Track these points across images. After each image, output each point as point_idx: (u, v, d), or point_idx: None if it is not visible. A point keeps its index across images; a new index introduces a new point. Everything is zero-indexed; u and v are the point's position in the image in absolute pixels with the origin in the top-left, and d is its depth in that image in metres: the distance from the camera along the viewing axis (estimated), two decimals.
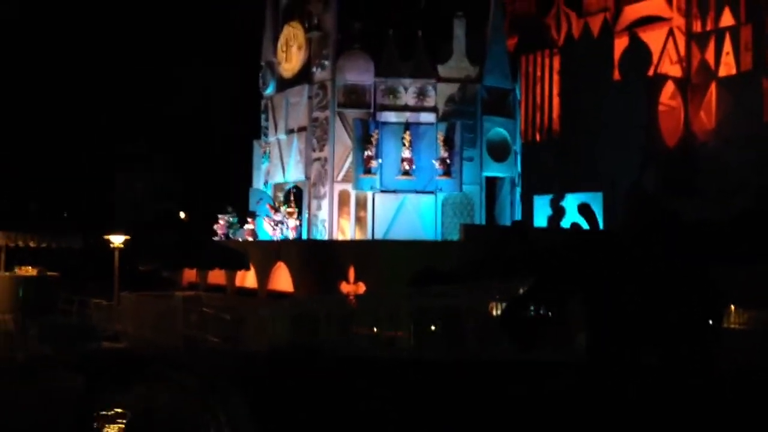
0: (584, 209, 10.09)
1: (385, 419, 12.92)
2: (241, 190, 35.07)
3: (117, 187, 47.23)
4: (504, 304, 17.74)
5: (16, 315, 29.10)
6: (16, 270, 30.68)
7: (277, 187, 32.37)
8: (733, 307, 13.44)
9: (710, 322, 8.79)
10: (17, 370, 25.02)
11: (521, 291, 13.88)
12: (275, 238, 29.84)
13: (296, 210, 29.36)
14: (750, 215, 12.81)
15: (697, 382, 8.31)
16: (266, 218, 30.44)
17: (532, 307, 9.50)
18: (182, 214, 46.69)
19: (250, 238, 31.42)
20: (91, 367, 23.44)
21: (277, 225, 29.85)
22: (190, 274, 33.29)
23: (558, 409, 10.56)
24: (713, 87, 35.81)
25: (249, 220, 31.88)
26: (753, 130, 33.56)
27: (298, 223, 29.59)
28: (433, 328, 18.89)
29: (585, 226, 9.84)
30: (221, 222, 32.61)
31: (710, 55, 36.05)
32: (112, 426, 17.56)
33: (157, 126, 49.85)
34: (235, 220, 32.45)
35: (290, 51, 31.59)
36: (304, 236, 29.75)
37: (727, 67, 35.49)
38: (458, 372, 14.98)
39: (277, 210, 30.50)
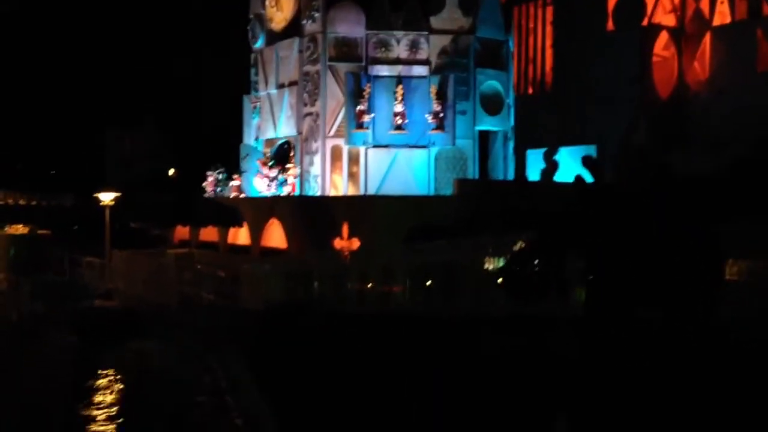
0: (588, 161, 9.96)
1: (379, 373, 12.96)
2: (231, 146, 34.70)
3: (107, 146, 46.65)
4: (499, 259, 17.75)
5: (8, 273, 28.98)
6: (7, 228, 30.42)
7: (269, 142, 32.03)
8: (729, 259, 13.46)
9: (713, 275, 8.76)
10: (11, 328, 25.04)
11: (519, 245, 13.83)
12: (269, 194, 29.65)
13: (296, 166, 29.00)
14: (743, 166, 12.73)
15: (700, 335, 8.31)
16: (258, 174, 30.18)
17: (532, 262, 9.43)
18: (171, 171, 46.29)
19: (235, 194, 31.21)
20: (85, 325, 23.47)
21: (272, 180, 29.60)
22: (181, 232, 33.12)
23: (556, 364, 10.58)
24: (707, 37, 35.40)
25: (235, 176, 31.62)
26: (747, 80, 33.32)
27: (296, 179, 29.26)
28: (428, 283, 18.89)
29: (588, 178, 9.73)
30: (210, 179, 32.33)
31: (705, 4, 35.57)
32: (109, 383, 17.59)
33: (147, 84, 49.11)
34: (224, 176, 32.16)
35: (279, 3, 30.93)
36: (297, 192, 29.55)
37: (722, 16, 35.05)
38: (454, 327, 15.00)
39: (267, 165, 30.24)
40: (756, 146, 16.18)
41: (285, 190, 28.95)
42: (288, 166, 28.77)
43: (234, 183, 31.54)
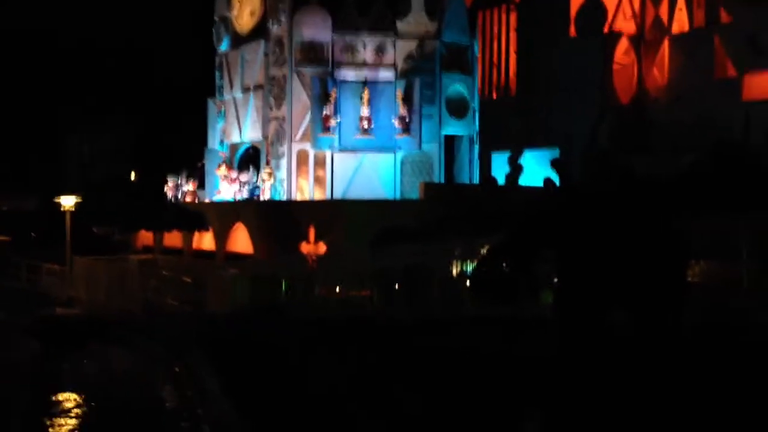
0: (557, 164, 10.09)
1: (348, 379, 12.93)
2: (195, 150, 34.35)
3: (67, 149, 45.81)
4: (466, 262, 17.87)
5: None
6: None
7: (234, 146, 31.81)
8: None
9: (679, 276, 8.92)
10: None
11: (485, 249, 13.94)
12: (236, 198, 29.42)
13: (273, 171, 28.71)
14: (701, 169, 13.04)
15: (668, 338, 8.45)
16: (225, 178, 29.94)
17: (501, 264, 9.50)
18: (133, 175, 45.67)
19: (190, 199, 30.92)
20: (46, 332, 23.00)
21: (243, 185, 29.40)
22: (144, 237, 32.66)
23: (525, 364, 10.67)
24: (666, 43, 36.15)
25: (190, 181, 31.33)
26: (704, 87, 34.07)
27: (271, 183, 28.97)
28: (396, 287, 18.93)
29: (557, 181, 9.85)
30: (170, 184, 31.95)
31: (664, 12, 36.33)
32: (71, 391, 17.26)
33: (109, 85, 48.38)
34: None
35: (245, 5, 30.76)
36: (271, 196, 29.38)
37: (680, 23, 35.82)
38: (421, 330, 15.06)
39: (232, 169, 30.03)
40: (714, 150, 16.54)
41: (265, 194, 28.57)
42: (267, 171, 28.53)
43: (188, 188, 31.23)
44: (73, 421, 14.57)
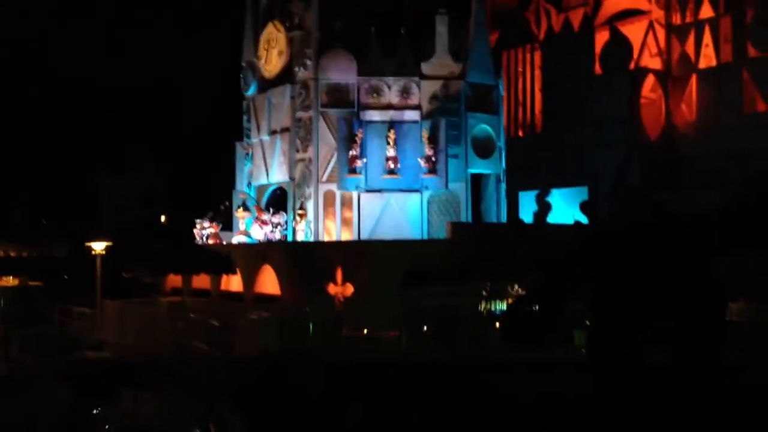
0: (586, 206, 9.94)
1: (381, 425, 12.71)
2: (223, 193, 34.63)
3: (99, 193, 46.53)
4: (495, 303, 17.60)
5: None
6: None
7: (261, 189, 32.03)
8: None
9: (716, 315, 8.67)
10: (1, 381, 24.55)
11: (517, 289, 13.73)
12: (269, 240, 29.48)
13: (305, 212, 28.79)
14: (734, 205, 12.76)
15: (708, 379, 8.18)
16: (255, 220, 30.09)
17: (534, 306, 9.32)
18: (163, 218, 46.14)
19: (213, 242, 31.06)
20: (76, 377, 23.04)
21: (276, 227, 29.54)
22: (173, 280, 32.82)
23: (559, 407, 10.41)
24: (694, 79, 35.96)
25: (212, 224, 31.50)
26: (733, 121, 33.74)
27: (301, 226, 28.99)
28: (425, 328, 18.71)
29: (586, 222, 9.70)
30: (198, 227, 32.17)
31: (690, 48, 36.20)
32: None
33: (138, 130, 49.25)
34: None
35: (271, 51, 31.21)
36: (290, 238, 29.44)
37: (707, 59, 35.65)
38: (452, 373, 14.80)
39: (263, 210, 30.19)
40: (747, 185, 16.20)
41: (298, 235, 28.58)
42: (299, 211, 28.60)
43: (210, 230, 31.38)
44: None
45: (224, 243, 30.86)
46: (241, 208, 30.74)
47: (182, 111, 48.96)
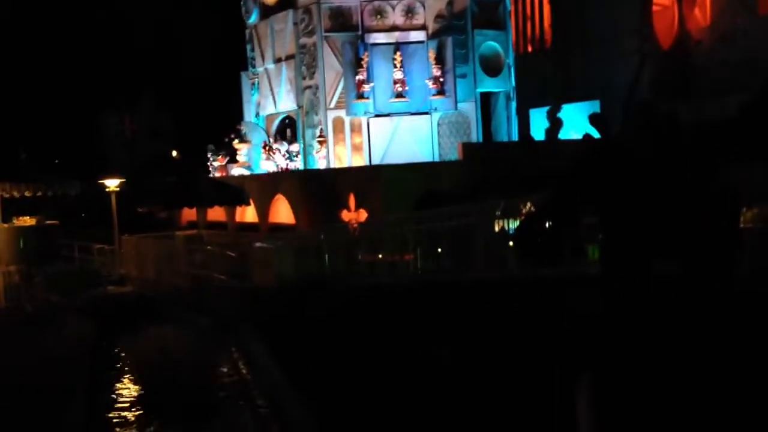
0: (595, 119, 9.76)
1: (399, 347, 12.92)
2: (232, 124, 34.47)
3: (107, 129, 46.44)
4: (509, 221, 17.61)
5: (19, 266, 29.00)
6: (15, 221, 30.38)
7: (270, 118, 31.83)
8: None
9: (731, 223, 8.60)
10: (27, 319, 25.14)
11: (528, 207, 13.68)
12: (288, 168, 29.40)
13: (325, 139, 28.56)
14: (750, 111, 12.48)
15: (722, 287, 8.18)
16: (268, 150, 29.91)
17: (545, 223, 9.26)
18: (174, 153, 46.13)
19: (220, 174, 31.10)
20: (100, 312, 23.53)
21: (296, 156, 29.41)
22: (188, 213, 33.08)
23: (575, 322, 10.49)
24: None
25: (218, 157, 31.46)
26: (749, 25, 32.80)
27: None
28: (439, 250, 18.79)
29: (596, 136, 9.55)
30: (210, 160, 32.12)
31: None
32: (126, 370, 17.67)
33: (141, 65, 48.70)
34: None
35: None
36: (305, 166, 29.41)
37: None
38: (467, 292, 14.94)
39: (277, 140, 30.07)
40: (762, 92, 15.82)
41: (321, 163, 28.44)
42: (319, 138, 28.40)
43: (217, 163, 31.38)
44: (130, 400, 14.93)
45: (231, 175, 30.90)
46: (237, 140, 30.65)
47: (184, 44, 48.27)
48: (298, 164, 29.28)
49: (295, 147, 29.60)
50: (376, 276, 18.78)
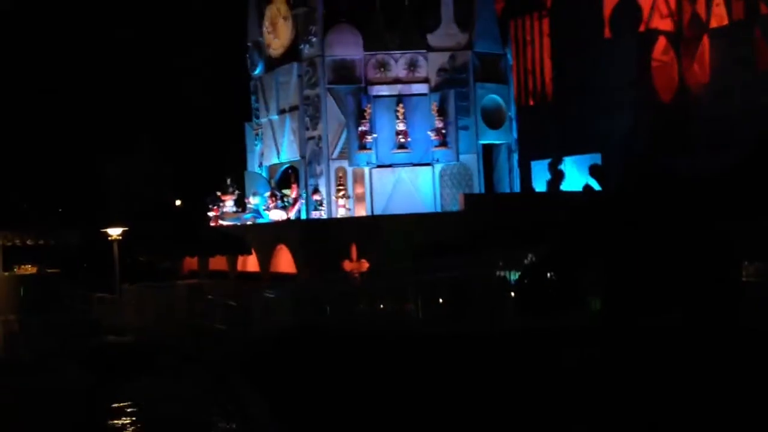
0: (595, 170, 9.85)
1: (397, 397, 12.77)
2: (235, 174, 34.67)
3: (109, 178, 46.71)
4: (510, 273, 17.56)
5: (18, 314, 28.92)
6: (16, 270, 30.40)
7: (272, 168, 32.04)
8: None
9: (728, 276, 8.59)
10: (25, 368, 24.93)
11: (530, 258, 13.67)
12: (290, 218, 29.46)
13: (346, 190, 28.63)
14: (747, 165, 12.58)
15: (722, 338, 8.13)
16: (271, 205, 30.00)
17: (546, 275, 9.28)
18: (177, 202, 46.34)
19: (214, 224, 31.14)
20: (98, 362, 23.35)
21: (296, 203, 29.48)
22: (190, 262, 33.03)
23: (575, 374, 10.40)
24: (705, 39, 35.41)
25: (211, 207, 31.53)
26: (747, 80, 33.26)
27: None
28: (440, 300, 18.72)
29: (596, 187, 9.62)
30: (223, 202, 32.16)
31: (701, 7, 35.64)
32: (123, 419, 17.45)
33: (144, 113, 49.28)
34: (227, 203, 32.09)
35: (277, 29, 31.05)
36: (303, 216, 29.47)
37: (719, 18, 35.09)
38: (468, 343, 14.81)
39: (276, 197, 30.15)
40: (760, 145, 15.96)
41: (341, 212, 28.42)
42: (339, 188, 28.34)
43: (212, 214, 31.40)
44: None
45: (223, 225, 30.95)
46: (220, 192, 30.86)
47: (189, 95, 48.89)
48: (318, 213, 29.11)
49: (295, 194, 29.59)
50: (375, 325, 18.65)
